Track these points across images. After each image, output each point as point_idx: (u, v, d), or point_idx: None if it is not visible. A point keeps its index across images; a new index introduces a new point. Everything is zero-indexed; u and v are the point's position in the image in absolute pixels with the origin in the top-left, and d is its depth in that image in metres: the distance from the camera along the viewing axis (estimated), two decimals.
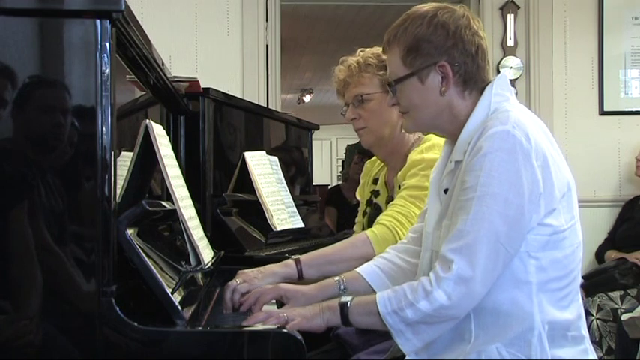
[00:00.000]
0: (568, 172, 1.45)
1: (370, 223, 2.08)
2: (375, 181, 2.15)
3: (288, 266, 1.80)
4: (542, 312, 1.39)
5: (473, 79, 1.48)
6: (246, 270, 1.76)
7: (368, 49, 2.02)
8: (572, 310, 1.44)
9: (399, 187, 1.96)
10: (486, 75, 1.51)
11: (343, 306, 1.44)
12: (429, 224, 1.56)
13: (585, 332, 1.47)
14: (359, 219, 2.17)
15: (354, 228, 2.20)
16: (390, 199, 2.04)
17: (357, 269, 1.71)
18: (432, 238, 1.52)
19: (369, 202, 2.13)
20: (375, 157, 2.17)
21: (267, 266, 1.81)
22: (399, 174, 1.96)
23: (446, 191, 1.49)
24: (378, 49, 1.98)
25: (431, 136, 1.99)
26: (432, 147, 1.93)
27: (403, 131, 1.95)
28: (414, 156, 1.95)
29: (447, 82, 1.47)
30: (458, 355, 1.41)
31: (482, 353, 1.39)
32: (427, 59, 1.47)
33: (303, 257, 1.85)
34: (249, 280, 1.70)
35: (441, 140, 1.83)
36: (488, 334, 1.40)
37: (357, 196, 2.23)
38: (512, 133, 1.35)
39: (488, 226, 1.33)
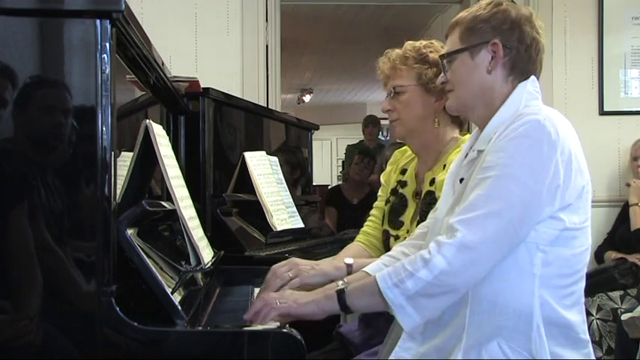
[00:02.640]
0: (588, 175, 1.48)
1: (392, 212, 2.07)
2: (403, 172, 2.13)
3: (339, 269, 1.80)
4: (543, 307, 1.38)
5: (520, 67, 1.51)
6: (298, 260, 1.75)
7: (410, 42, 2.03)
8: (575, 313, 1.44)
9: (430, 183, 1.94)
10: (534, 70, 1.53)
11: (340, 292, 1.43)
12: (440, 212, 1.56)
13: (588, 337, 1.47)
14: (379, 204, 2.15)
15: (372, 212, 2.18)
16: (418, 191, 2.03)
17: (364, 268, 1.71)
18: (443, 224, 1.51)
19: (394, 191, 2.11)
20: (405, 147, 2.16)
21: (321, 263, 1.81)
22: (439, 176, 1.92)
23: (461, 180, 1.49)
24: (422, 42, 2.01)
25: (468, 137, 1.97)
26: None
27: (437, 126, 1.95)
28: (453, 158, 1.88)
29: (495, 62, 1.50)
30: (449, 341, 1.41)
31: (484, 351, 1.38)
32: (482, 37, 1.51)
33: (355, 263, 1.84)
34: (299, 272, 1.70)
35: None
36: (482, 323, 1.39)
37: (381, 179, 2.21)
38: (543, 123, 1.37)
39: (502, 205, 1.34)
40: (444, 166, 1.91)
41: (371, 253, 2.08)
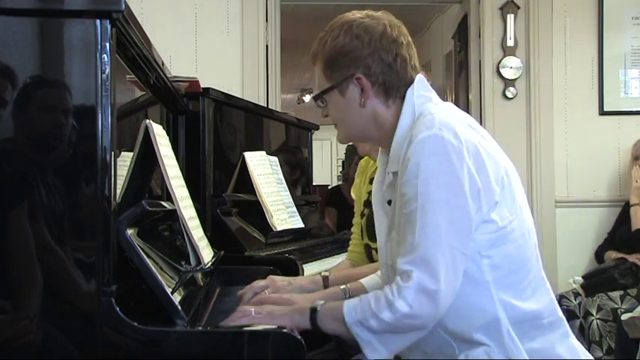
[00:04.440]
0: (505, 159, 1.42)
1: (369, 225, 2.08)
2: (372, 181, 2.14)
3: (315, 283, 1.82)
4: (506, 309, 1.37)
5: (394, 87, 1.46)
6: (276, 277, 1.77)
7: None
8: (540, 297, 1.42)
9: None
10: (410, 80, 1.47)
11: (313, 310, 1.41)
12: (379, 238, 1.55)
13: (561, 315, 1.46)
14: (357, 220, 2.17)
15: (353, 229, 2.20)
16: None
17: (361, 280, 1.72)
18: (385, 251, 1.51)
19: (367, 203, 2.12)
20: (367, 157, 2.17)
21: (298, 278, 1.83)
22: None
23: (389, 202, 1.46)
24: None
25: None
26: None
27: None
28: None
29: (365, 94, 1.45)
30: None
31: (470, 356, 1.38)
32: (344, 72, 1.46)
33: (331, 276, 1.86)
34: (277, 288, 1.71)
35: None
36: (465, 342, 1.38)
37: (352, 195, 2.22)
38: (440, 135, 1.33)
39: (437, 233, 1.31)
40: None
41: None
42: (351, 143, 7.06)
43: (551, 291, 1.47)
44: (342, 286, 1.68)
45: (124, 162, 1.46)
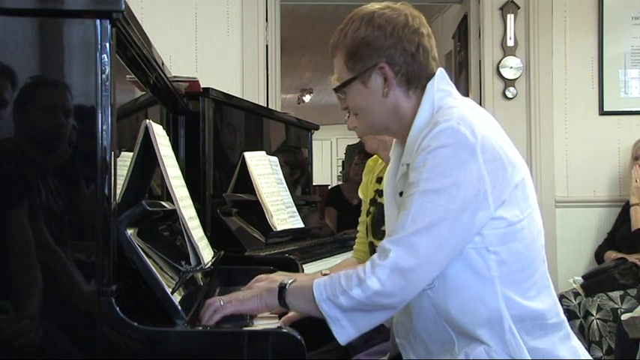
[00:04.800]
0: (520, 160, 1.43)
1: (374, 223, 2.08)
2: (379, 180, 2.14)
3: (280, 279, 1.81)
4: (509, 306, 1.37)
5: (416, 77, 1.47)
6: (277, 277, 1.77)
7: None
8: (544, 298, 1.43)
9: None
10: (431, 72, 1.48)
11: (282, 288, 1.42)
12: (388, 228, 1.55)
13: (563, 316, 1.46)
14: (362, 218, 2.16)
15: (358, 227, 2.19)
16: None
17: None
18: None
19: (373, 201, 2.12)
20: (376, 156, 2.16)
21: (301, 275, 1.82)
22: None
23: (401, 194, 1.46)
24: None
25: None
26: None
27: None
28: None
29: (388, 84, 1.46)
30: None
31: (470, 355, 1.38)
32: (367, 62, 1.46)
33: (331, 272, 1.85)
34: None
35: None
36: (467, 336, 1.39)
37: (360, 195, 2.22)
38: (457, 128, 1.33)
39: (430, 220, 1.31)
40: None
41: None
42: (351, 143, 7.07)
43: (554, 293, 1.48)
44: (324, 271, 1.68)
45: (124, 162, 1.46)
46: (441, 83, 1.47)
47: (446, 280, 1.37)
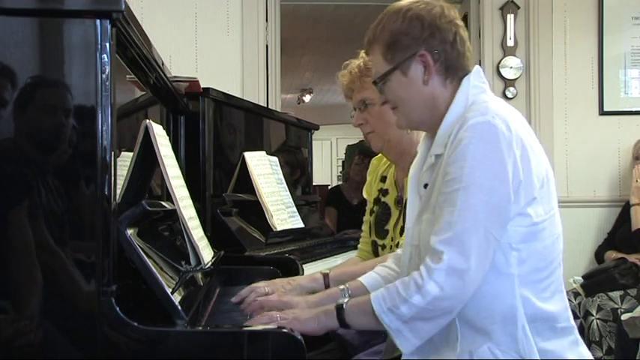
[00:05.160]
0: (547, 162, 1.45)
1: (378, 222, 2.08)
2: (383, 179, 2.13)
3: (315, 281, 1.82)
4: (525, 305, 1.38)
5: (454, 66, 1.49)
6: (276, 280, 1.77)
7: None
8: (557, 301, 1.44)
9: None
10: (467, 62, 1.51)
11: (339, 308, 1.43)
12: (408, 220, 1.56)
13: (573, 323, 1.47)
14: (366, 217, 2.16)
15: (362, 227, 2.19)
16: (399, 198, 2.03)
17: (359, 278, 1.72)
18: (412, 232, 1.52)
19: (377, 201, 2.11)
20: (380, 155, 2.16)
21: (297, 278, 1.83)
22: None
23: (425, 186, 1.48)
24: None
25: None
26: None
27: (410, 132, 1.95)
28: None
29: (428, 71, 1.48)
30: (448, 355, 1.41)
31: (475, 354, 1.38)
32: (407, 51, 1.48)
33: (331, 272, 1.86)
34: (277, 289, 1.72)
35: None
36: (473, 330, 1.39)
37: (364, 194, 2.21)
38: (493, 122, 1.35)
39: (477, 216, 1.33)
40: None
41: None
42: (351, 143, 7.07)
43: (566, 298, 1.49)
44: (342, 287, 1.68)
45: (124, 162, 1.46)
46: (477, 80, 1.50)
47: None
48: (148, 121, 1.49)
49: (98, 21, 1.22)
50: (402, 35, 1.48)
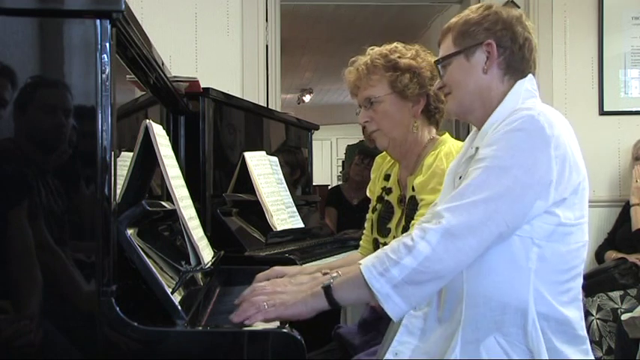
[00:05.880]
0: (584, 171, 1.47)
1: (380, 220, 2.07)
2: (387, 177, 2.12)
3: (316, 279, 1.80)
4: (538, 302, 1.39)
5: (515, 67, 1.53)
6: (277, 279, 1.77)
7: (377, 49, 1.99)
8: (574, 309, 1.44)
9: (412, 188, 1.93)
10: (529, 70, 1.55)
11: (326, 288, 1.41)
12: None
13: (586, 334, 1.47)
14: (369, 215, 2.16)
15: (365, 224, 2.18)
16: (402, 197, 2.02)
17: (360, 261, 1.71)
18: None
19: (380, 199, 2.11)
20: (385, 153, 2.15)
21: (298, 277, 1.82)
22: (416, 179, 1.91)
23: (461, 178, 1.49)
24: (386, 48, 1.97)
25: (446, 137, 1.96)
26: (449, 154, 1.86)
27: (415, 130, 1.94)
28: (429, 160, 1.89)
29: (490, 61, 1.52)
30: (447, 337, 1.41)
31: (482, 347, 1.38)
32: (476, 39, 1.54)
33: (332, 271, 1.85)
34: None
35: (457, 146, 1.83)
36: (477, 318, 1.39)
37: (368, 193, 2.21)
38: (537, 118, 1.38)
39: (490, 194, 1.34)
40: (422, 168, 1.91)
41: None
42: (351, 143, 7.07)
43: (582, 310, 1.49)
44: (334, 274, 1.68)
45: (124, 162, 1.46)
46: (530, 85, 1.53)
47: (482, 260, 1.38)
48: (148, 121, 1.49)
49: (98, 21, 1.22)
50: (476, 25, 1.54)
